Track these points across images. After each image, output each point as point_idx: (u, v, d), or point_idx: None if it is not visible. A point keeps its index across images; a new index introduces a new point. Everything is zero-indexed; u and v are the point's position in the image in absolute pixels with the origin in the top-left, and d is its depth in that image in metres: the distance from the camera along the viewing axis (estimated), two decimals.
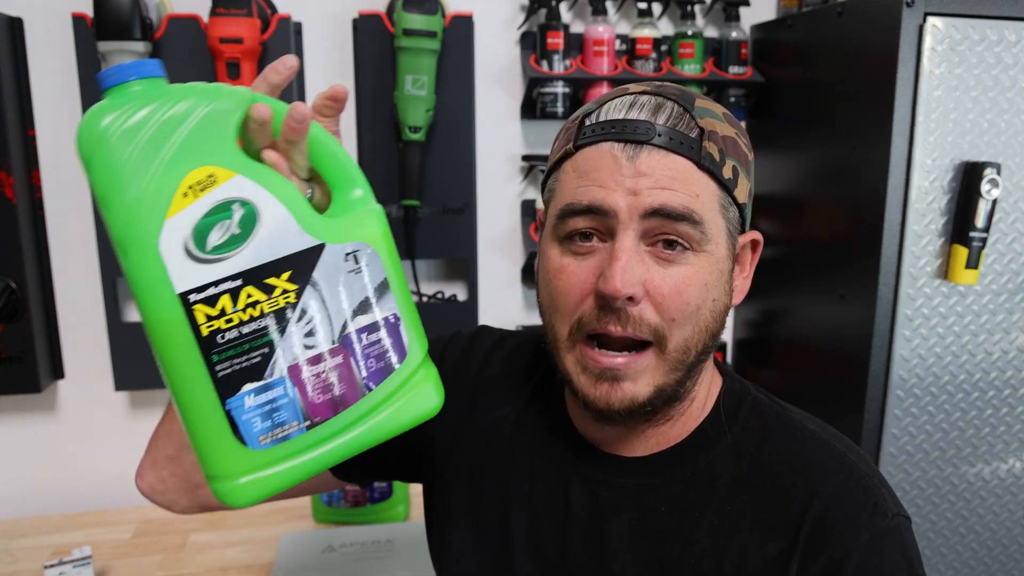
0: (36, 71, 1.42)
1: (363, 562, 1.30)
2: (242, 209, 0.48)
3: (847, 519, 0.59)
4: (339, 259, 0.52)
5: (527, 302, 1.72)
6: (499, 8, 1.58)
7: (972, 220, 1.24)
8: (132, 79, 0.48)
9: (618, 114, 0.60)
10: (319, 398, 0.51)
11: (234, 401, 0.49)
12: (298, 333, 0.50)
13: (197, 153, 0.48)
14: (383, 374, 0.53)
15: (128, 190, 0.46)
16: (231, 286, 0.48)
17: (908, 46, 1.22)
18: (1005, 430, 1.38)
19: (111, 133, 0.46)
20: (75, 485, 1.57)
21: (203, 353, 0.48)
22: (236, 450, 0.49)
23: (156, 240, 0.47)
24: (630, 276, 0.56)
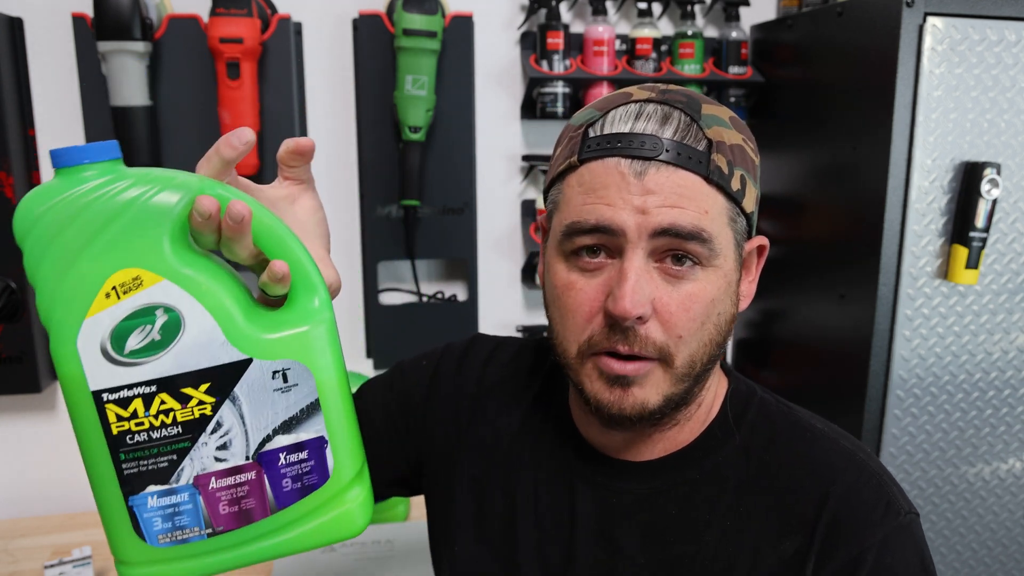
0: (36, 71, 1.42)
1: (363, 562, 1.30)
2: (165, 316, 0.47)
3: (862, 518, 0.59)
4: (266, 376, 0.50)
5: (527, 302, 1.72)
6: (499, 8, 1.58)
7: (972, 220, 1.24)
8: (85, 162, 0.46)
9: (624, 126, 0.58)
10: (224, 509, 0.51)
11: (137, 499, 0.50)
12: (211, 444, 0.50)
13: (126, 253, 0.46)
14: (299, 494, 0.52)
15: (53, 279, 0.46)
16: (145, 391, 0.48)
17: (908, 46, 1.22)
18: (1005, 430, 1.38)
19: (45, 217, 0.45)
20: (75, 485, 1.57)
21: (111, 450, 0.49)
22: (135, 543, 0.51)
23: (75, 336, 0.46)
24: (639, 296, 0.56)
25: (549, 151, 1.66)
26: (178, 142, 1.43)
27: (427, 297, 1.64)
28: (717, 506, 0.64)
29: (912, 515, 0.61)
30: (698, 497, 0.65)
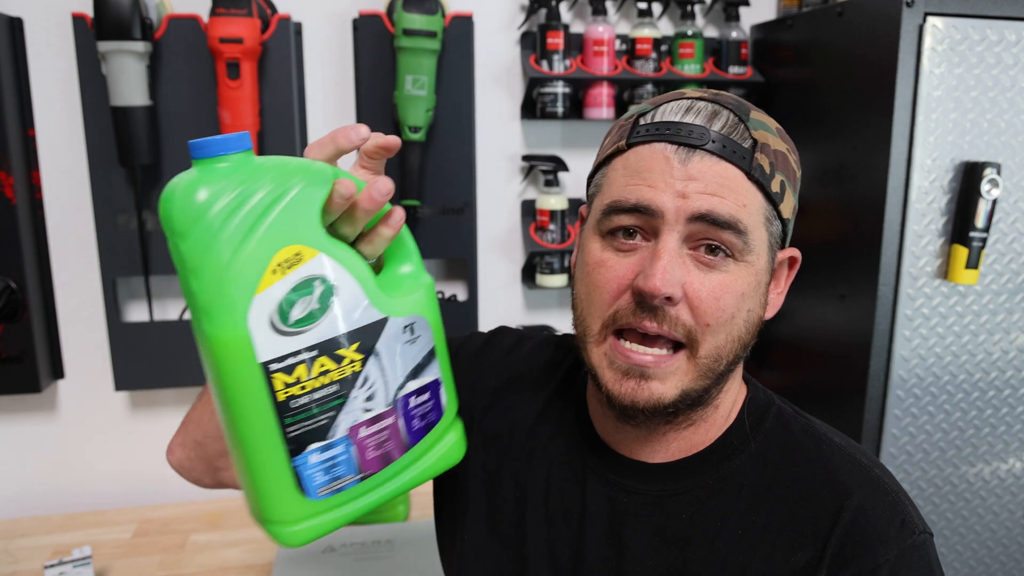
0: (36, 71, 1.42)
1: (363, 562, 1.30)
2: (322, 286, 0.52)
3: (876, 533, 0.59)
4: (398, 331, 0.56)
5: (527, 302, 1.72)
6: (499, 8, 1.58)
7: (972, 220, 1.24)
8: (223, 154, 0.50)
9: (674, 116, 0.60)
10: (372, 454, 0.56)
11: (300, 459, 0.53)
12: (360, 397, 0.55)
13: (287, 232, 0.51)
14: (424, 431, 0.59)
15: (223, 264, 0.49)
16: (307, 356, 0.52)
17: (908, 46, 1.22)
18: (1005, 430, 1.38)
19: (210, 208, 0.48)
20: (75, 485, 1.57)
21: (277, 416, 0.52)
22: (297, 500, 0.54)
23: (246, 313, 0.50)
24: (671, 276, 0.56)
25: (549, 151, 1.66)
26: (178, 142, 1.43)
27: None
28: (730, 513, 0.63)
29: (927, 535, 0.61)
30: (712, 503, 0.64)
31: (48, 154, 1.45)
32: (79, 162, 1.45)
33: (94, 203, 1.43)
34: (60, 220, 1.48)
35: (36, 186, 1.45)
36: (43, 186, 1.46)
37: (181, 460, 0.74)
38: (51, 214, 1.47)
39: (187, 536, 1.41)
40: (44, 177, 1.46)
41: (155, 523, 1.46)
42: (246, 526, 1.45)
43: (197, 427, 0.71)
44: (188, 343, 0.66)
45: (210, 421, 0.69)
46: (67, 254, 1.49)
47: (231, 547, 1.38)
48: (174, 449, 0.75)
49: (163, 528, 1.44)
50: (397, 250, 0.60)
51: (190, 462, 0.74)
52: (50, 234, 1.48)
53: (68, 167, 1.46)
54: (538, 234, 1.61)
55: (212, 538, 1.41)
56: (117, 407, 1.57)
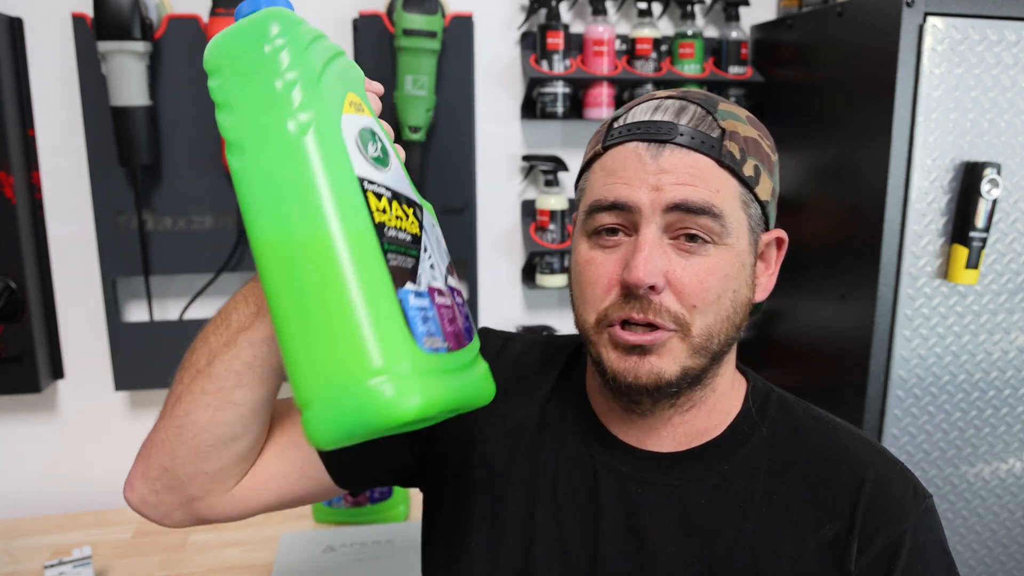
0: (36, 71, 1.42)
1: (363, 562, 1.30)
2: (381, 143, 0.52)
3: (897, 502, 0.65)
4: (432, 223, 0.56)
5: (527, 302, 1.72)
6: (499, 8, 1.58)
7: (972, 220, 1.24)
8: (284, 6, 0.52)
9: (644, 116, 0.63)
10: (448, 327, 0.51)
11: (403, 293, 0.48)
12: (425, 262, 0.52)
13: (352, 84, 0.53)
14: (469, 335, 0.55)
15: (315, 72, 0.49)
16: (387, 192, 0.50)
17: (908, 46, 1.22)
18: (1005, 430, 1.38)
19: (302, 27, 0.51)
20: (75, 485, 1.57)
21: (378, 237, 0.47)
22: (407, 343, 0.46)
23: (339, 123, 0.48)
24: (652, 266, 0.59)
25: (549, 151, 1.66)
26: (178, 142, 1.43)
27: None
28: (751, 496, 0.66)
29: (931, 498, 0.67)
30: (731, 488, 0.66)
31: (48, 154, 1.45)
32: (79, 162, 1.45)
33: (94, 203, 1.43)
34: (60, 220, 1.48)
35: (36, 186, 1.45)
36: (43, 186, 1.46)
37: (144, 496, 0.66)
38: (51, 214, 1.47)
39: (187, 536, 1.41)
40: (44, 177, 1.46)
41: None
42: (246, 526, 1.45)
43: (163, 448, 0.64)
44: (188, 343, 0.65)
45: (178, 440, 0.62)
46: (67, 254, 1.49)
47: (231, 547, 1.38)
48: (134, 484, 0.67)
49: (163, 528, 1.44)
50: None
51: (155, 495, 0.66)
52: (50, 234, 1.48)
53: (68, 167, 1.46)
54: (538, 234, 1.61)
55: (212, 538, 1.41)
56: (117, 407, 1.57)
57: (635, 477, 0.68)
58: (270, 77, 0.48)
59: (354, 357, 0.44)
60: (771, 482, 0.66)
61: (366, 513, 1.46)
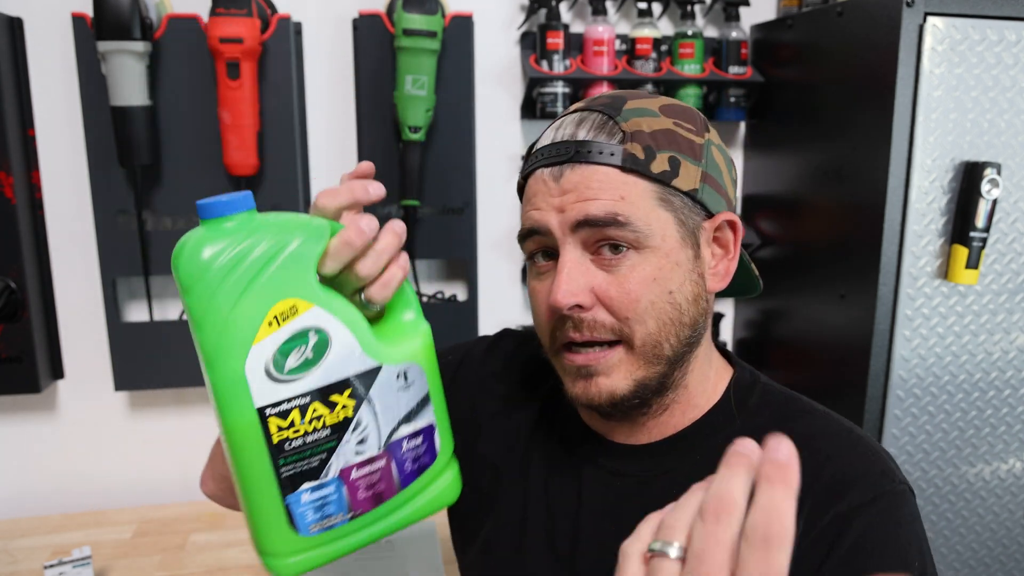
0: (36, 71, 1.42)
1: (363, 562, 1.30)
2: (316, 336, 0.55)
3: (856, 480, 0.61)
4: (392, 378, 0.59)
5: (527, 302, 1.72)
6: (499, 8, 1.58)
7: (972, 220, 1.24)
8: (228, 214, 0.53)
9: (548, 140, 0.64)
10: (363, 495, 0.59)
11: (293, 497, 0.56)
12: (352, 441, 0.58)
13: (284, 287, 0.54)
14: (416, 474, 0.62)
15: (222, 316, 0.53)
16: (301, 403, 0.55)
17: (908, 46, 1.22)
18: (1005, 430, 1.37)
19: (213, 265, 0.52)
20: (75, 485, 1.57)
21: (272, 457, 0.55)
22: (289, 536, 0.57)
23: (243, 362, 0.53)
24: (572, 287, 0.60)
25: None
26: (178, 142, 1.43)
27: (427, 297, 1.64)
28: None
29: (906, 486, 0.62)
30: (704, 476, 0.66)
31: (48, 154, 1.45)
32: (79, 162, 1.45)
33: (94, 203, 1.43)
34: (60, 220, 1.48)
35: (36, 186, 1.45)
36: (43, 186, 1.46)
37: (214, 492, 0.79)
38: (51, 214, 1.47)
39: (187, 536, 1.41)
40: (44, 177, 1.46)
41: (155, 523, 1.46)
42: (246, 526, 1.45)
43: (222, 463, 0.74)
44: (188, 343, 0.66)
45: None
46: (67, 254, 1.49)
47: (231, 547, 1.38)
48: (206, 481, 0.79)
49: (163, 528, 1.44)
50: (398, 298, 0.63)
51: (222, 493, 0.78)
52: (50, 234, 1.48)
53: (68, 167, 1.46)
54: None
55: (212, 538, 1.41)
56: (117, 407, 1.57)
57: (612, 468, 0.70)
58: (189, 319, 0.54)
59: (254, 537, 0.59)
60: None
61: None
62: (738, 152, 1.78)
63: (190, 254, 0.53)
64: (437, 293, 1.65)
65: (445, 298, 1.64)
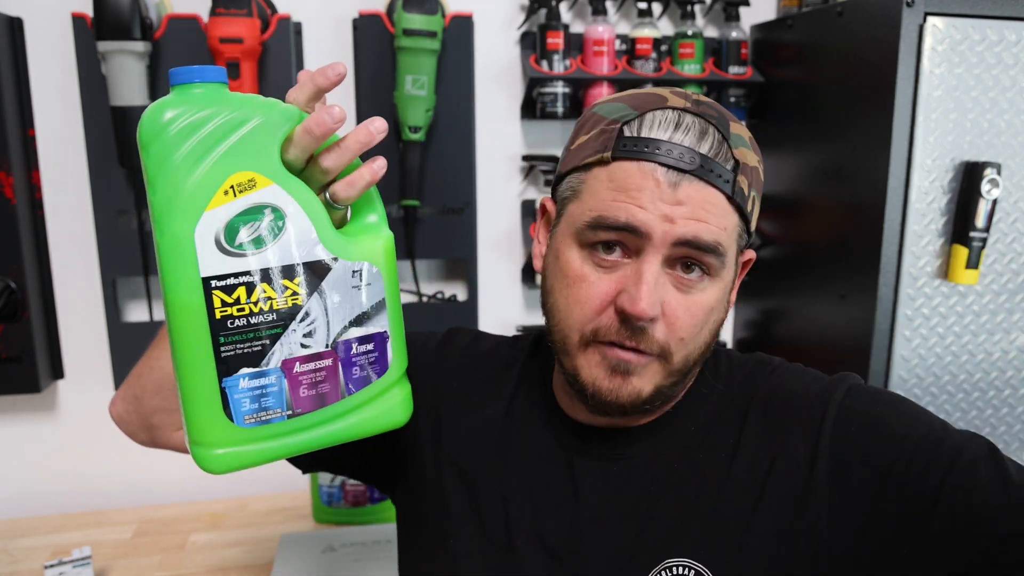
0: (36, 71, 1.42)
1: (363, 562, 1.30)
2: (272, 215, 0.54)
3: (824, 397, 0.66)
4: (347, 274, 0.57)
5: (527, 302, 1.72)
6: (499, 8, 1.58)
7: (972, 220, 1.24)
8: (197, 81, 0.53)
9: (663, 133, 0.60)
10: (304, 392, 0.57)
11: (230, 380, 0.54)
12: (299, 331, 0.56)
13: (243, 158, 0.53)
14: (363, 382, 0.59)
15: (177, 178, 0.52)
16: (248, 280, 0.54)
17: (908, 46, 1.22)
18: (1005, 430, 1.37)
19: (172, 126, 0.51)
20: (75, 485, 1.57)
21: (212, 333, 0.53)
22: (222, 424, 0.55)
23: (193, 227, 0.52)
24: (655, 298, 0.59)
25: (549, 151, 1.66)
26: None
27: (427, 297, 1.64)
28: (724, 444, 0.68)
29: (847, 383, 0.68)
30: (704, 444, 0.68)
31: (48, 154, 1.45)
32: (79, 162, 1.45)
33: (94, 203, 1.43)
34: (60, 220, 1.48)
35: (36, 186, 1.45)
36: (43, 186, 1.46)
37: (120, 413, 0.76)
38: (51, 214, 1.47)
39: (187, 536, 1.41)
40: (44, 177, 1.46)
41: (155, 523, 1.46)
42: (246, 526, 1.45)
43: (136, 381, 0.73)
44: None
45: (147, 377, 0.71)
46: (67, 254, 1.49)
47: (231, 547, 1.38)
48: (116, 401, 0.76)
49: (163, 528, 1.44)
50: (364, 201, 0.62)
51: (127, 415, 0.75)
52: (50, 234, 1.48)
53: (68, 167, 1.46)
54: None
55: (212, 538, 1.41)
56: None
57: (608, 454, 0.70)
58: (144, 171, 0.53)
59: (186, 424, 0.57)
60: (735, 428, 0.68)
61: (366, 513, 1.46)
62: None
63: (152, 113, 0.52)
64: (437, 293, 1.65)
65: (445, 298, 1.64)
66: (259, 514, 1.50)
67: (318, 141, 0.55)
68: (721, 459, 0.67)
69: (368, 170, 0.57)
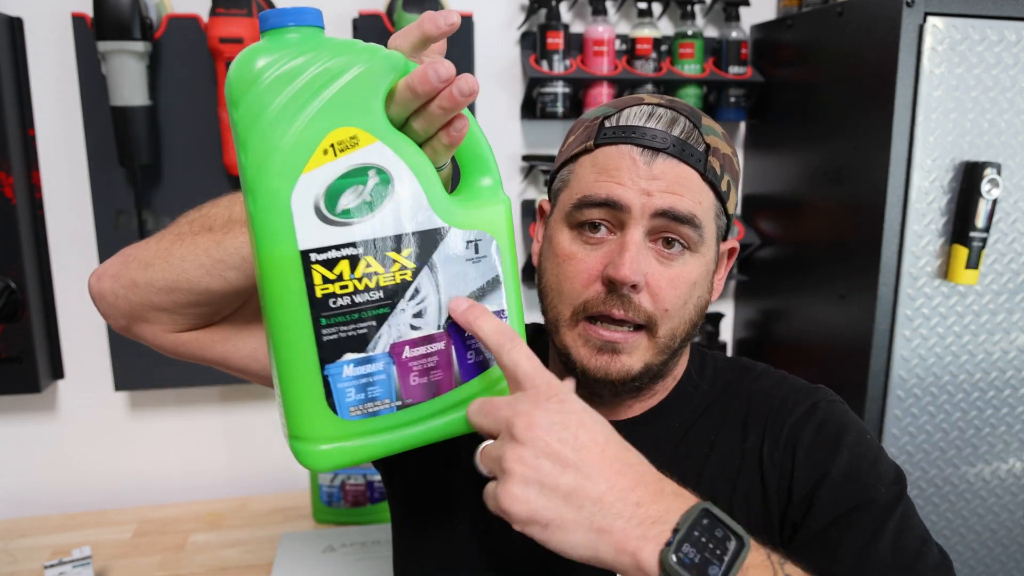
0: (36, 71, 1.42)
1: (363, 562, 1.30)
2: (377, 177, 0.48)
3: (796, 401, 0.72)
4: (460, 245, 0.51)
5: (528, 301, 1.72)
6: (499, 8, 1.58)
7: (972, 220, 1.24)
8: (290, 24, 0.46)
9: (638, 121, 0.66)
10: (415, 380, 0.51)
11: (333, 368, 0.49)
12: (408, 311, 0.50)
13: (344, 112, 0.47)
14: (479, 368, 0.53)
15: (270, 136, 0.45)
16: (352, 252, 0.48)
17: (908, 46, 1.22)
18: (1005, 430, 1.37)
19: (264, 77, 0.45)
20: (75, 485, 1.57)
21: (313, 314, 0.47)
22: (325, 417, 0.49)
23: (289, 192, 0.46)
24: (638, 266, 0.63)
25: (549, 151, 1.66)
26: (178, 142, 1.43)
27: None
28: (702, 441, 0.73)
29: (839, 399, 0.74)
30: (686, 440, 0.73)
31: (48, 154, 1.45)
32: (79, 162, 1.45)
33: (94, 203, 1.43)
34: (60, 220, 1.48)
35: (36, 186, 1.45)
36: (43, 186, 1.46)
37: (104, 292, 0.67)
38: (51, 214, 1.47)
39: (187, 536, 1.41)
40: (44, 177, 1.46)
41: (155, 523, 1.46)
42: (246, 526, 1.45)
43: (142, 269, 0.64)
44: None
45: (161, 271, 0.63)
46: (67, 254, 1.49)
47: (231, 547, 1.38)
48: (103, 278, 0.67)
49: (163, 528, 1.44)
50: (475, 162, 0.55)
51: (115, 298, 0.67)
52: (50, 234, 1.48)
53: (68, 167, 1.46)
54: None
55: (212, 538, 1.41)
56: (117, 407, 1.57)
57: None
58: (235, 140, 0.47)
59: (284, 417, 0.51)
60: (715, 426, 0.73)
61: (366, 513, 1.46)
62: (738, 152, 1.78)
63: (242, 63, 0.46)
64: None
65: None
66: (259, 514, 1.50)
67: (420, 99, 0.49)
68: (700, 455, 0.71)
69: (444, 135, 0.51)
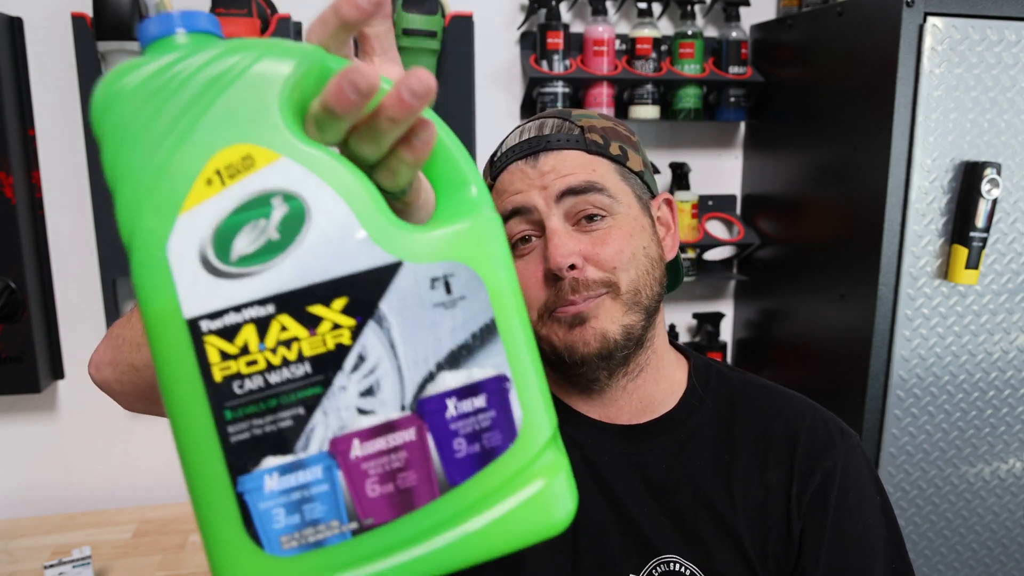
0: (36, 71, 1.42)
1: None
2: (285, 205, 0.33)
3: (827, 442, 0.73)
4: (422, 286, 0.35)
5: None
6: (499, 8, 1.58)
7: (972, 220, 1.24)
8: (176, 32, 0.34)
9: (513, 141, 0.72)
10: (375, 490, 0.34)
11: (249, 480, 0.33)
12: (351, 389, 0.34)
13: (231, 127, 0.33)
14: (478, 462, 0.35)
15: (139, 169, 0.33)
16: (259, 313, 0.33)
17: (908, 46, 1.22)
18: (1005, 430, 1.37)
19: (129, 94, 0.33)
20: (75, 485, 1.58)
21: (213, 406, 0.33)
22: (246, 550, 0.33)
23: (164, 241, 0.33)
24: (565, 248, 0.66)
25: None
26: None
27: None
28: (706, 456, 0.74)
29: (856, 437, 0.76)
30: (686, 452, 0.74)
31: (48, 154, 1.45)
32: (79, 162, 1.45)
33: (94, 203, 1.43)
34: (60, 220, 1.48)
35: (36, 186, 1.45)
36: (43, 186, 1.46)
37: (110, 381, 0.63)
38: (51, 214, 1.47)
39: (187, 536, 1.41)
40: (44, 177, 1.46)
41: (155, 523, 1.46)
42: None
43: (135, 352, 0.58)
44: None
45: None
46: (67, 254, 1.49)
47: None
48: (101, 367, 0.63)
49: (163, 528, 1.44)
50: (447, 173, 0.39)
51: (120, 385, 0.63)
52: (50, 234, 1.48)
53: (68, 167, 1.46)
54: None
55: None
56: (117, 407, 1.57)
57: (599, 447, 0.73)
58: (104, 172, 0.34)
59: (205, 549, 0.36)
60: (721, 444, 0.74)
61: None
62: (738, 152, 1.78)
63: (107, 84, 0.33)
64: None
65: None
66: None
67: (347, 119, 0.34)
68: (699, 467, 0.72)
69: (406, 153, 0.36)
